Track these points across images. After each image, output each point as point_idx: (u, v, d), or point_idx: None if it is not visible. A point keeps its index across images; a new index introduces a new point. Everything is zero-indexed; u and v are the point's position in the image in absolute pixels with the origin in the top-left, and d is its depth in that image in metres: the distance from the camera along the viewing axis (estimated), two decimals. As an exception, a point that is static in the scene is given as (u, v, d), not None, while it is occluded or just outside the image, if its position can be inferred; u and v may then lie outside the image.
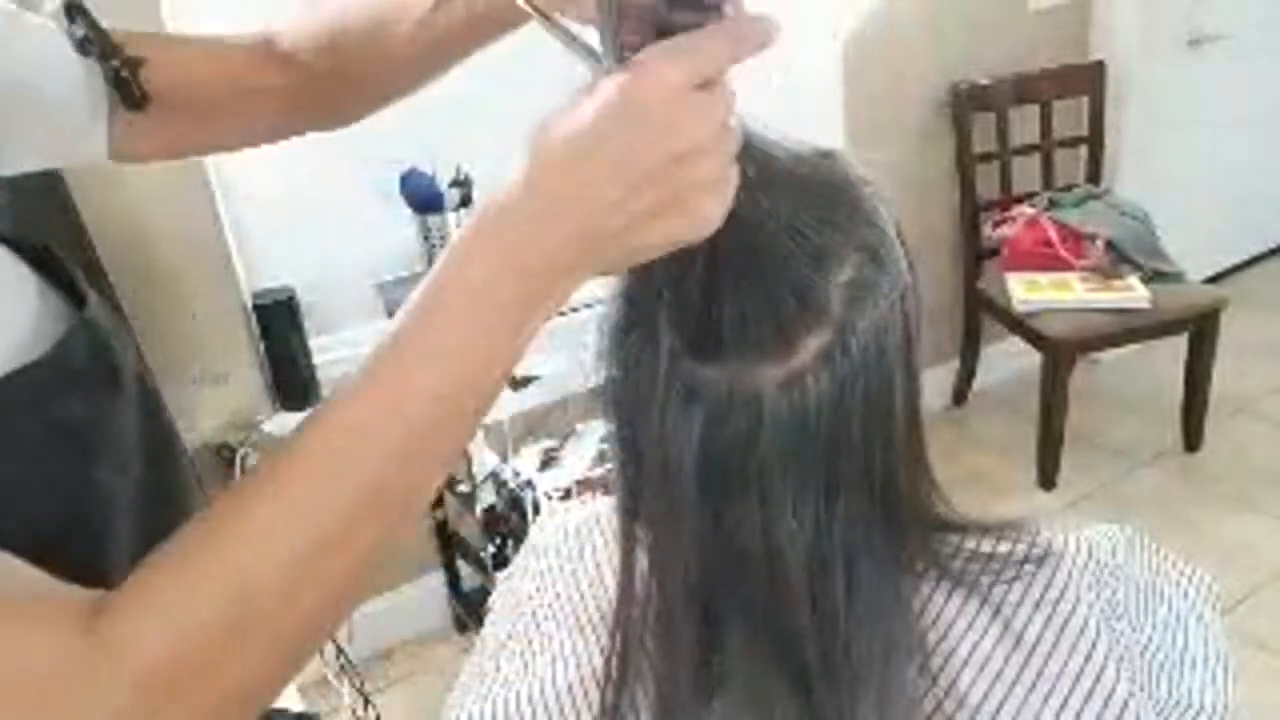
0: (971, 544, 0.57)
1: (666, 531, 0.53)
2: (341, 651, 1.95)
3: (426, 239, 1.93)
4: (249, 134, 0.78)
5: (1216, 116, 2.97)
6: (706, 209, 0.45)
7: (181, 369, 1.77)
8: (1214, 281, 2.99)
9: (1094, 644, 0.53)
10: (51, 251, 0.63)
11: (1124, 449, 2.59)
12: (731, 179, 0.45)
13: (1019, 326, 2.40)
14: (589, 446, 2.05)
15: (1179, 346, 2.45)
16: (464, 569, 2.21)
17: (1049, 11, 2.61)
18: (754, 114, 0.51)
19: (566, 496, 1.94)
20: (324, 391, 1.96)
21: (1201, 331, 2.39)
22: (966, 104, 2.51)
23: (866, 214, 0.52)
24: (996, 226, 2.54)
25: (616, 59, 0.44)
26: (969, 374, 2.79)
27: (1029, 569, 0.56)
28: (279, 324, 1.85)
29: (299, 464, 0.44)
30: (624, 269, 0.49)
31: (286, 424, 1.91)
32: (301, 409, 1.93)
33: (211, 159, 1.75)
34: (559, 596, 0.65)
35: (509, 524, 1.92)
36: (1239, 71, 2.97)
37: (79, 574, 0.44)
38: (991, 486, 2.47)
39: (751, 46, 0.44)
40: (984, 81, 2.51)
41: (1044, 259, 2.41)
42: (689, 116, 0.43)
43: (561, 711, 0.59)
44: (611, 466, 0.57)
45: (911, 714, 0.53)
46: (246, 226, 1.87)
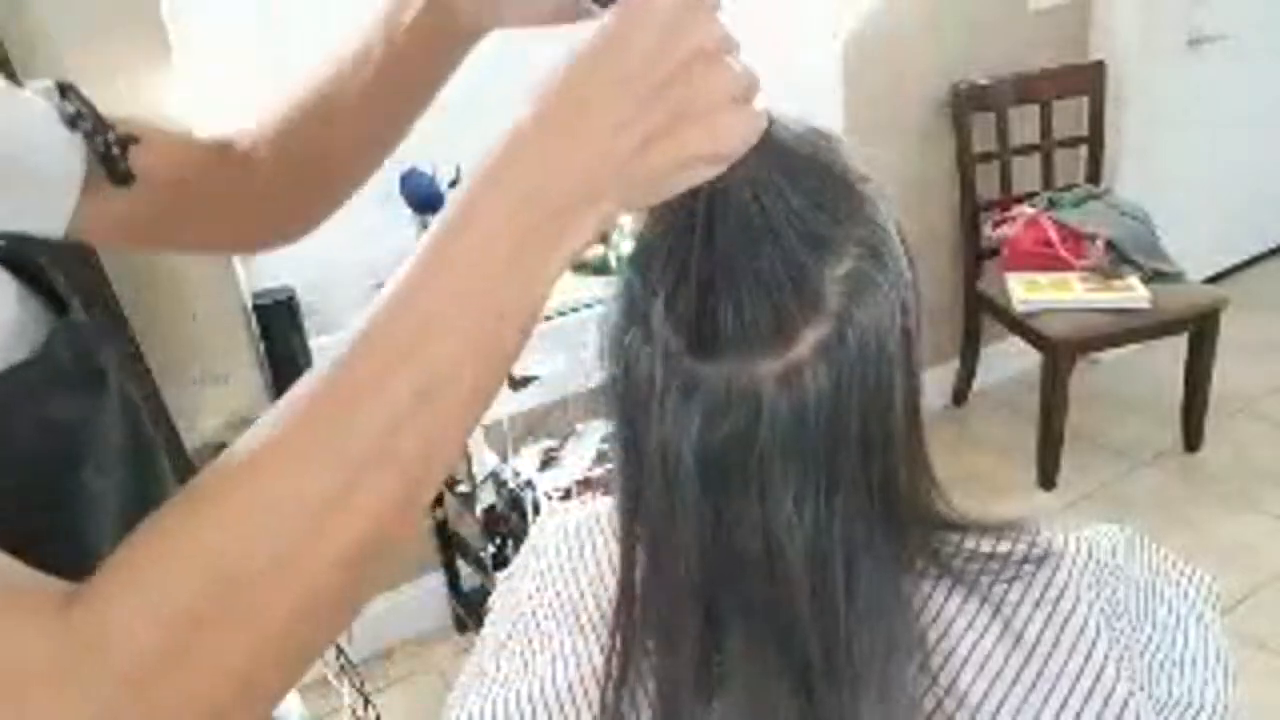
0: (971, 543, 0.57)
1: (666, 529, 0.53)
2: (341, 651, 1.95)
3: (426, 239, 1.93)
4: (211, 238, 0.75)
5: (1216, 116, 2.97)
6: (727, 120, 0.43)
7: (181, 369, 1.77)
8: (1214, 281, 2.99)
9: (1094, 643, 0.53)
10: (29, 257, 0.62)
11: (1124, 449, 2.59)
12: (754, 86, 0.44)
13: (1019, 326, 2.40)
14: (589, 446, 2.06)
15: (1179, 346, 2.45)
16: (464, 569, 2.21)
17: (1049, 11, 2.61)
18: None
19: (566, 496, 1.94)
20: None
21: (1201, 331, 2.39)
22: (966, 104, 2.51)
23: (866, 209, 0.52)
24: (996, 226, 2.54)
25: None
26: (969, 374, 2.79)
27: (1029, 568, 0.56)
28: (279, 324, 1.85)
29: (304, 418, 0.40)
30: (654, 200, 0.46)
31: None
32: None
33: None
34: (559, 596, 0.65)
35: (509, 524, 1.92)
36: (1239, 71, 2.97)
37: (59, 575, 0.43)
38: (991, 486, 2.47)
39: None
40: (984, 81, 2.51)
41: (1044, 259, 2.41)
42: (692, 20, 0.42)
43: (562, 710, 0.59)
44: (611, 466, 0.57)
45: (912, 713, 0.53)
46: (246, 226, 1.87)
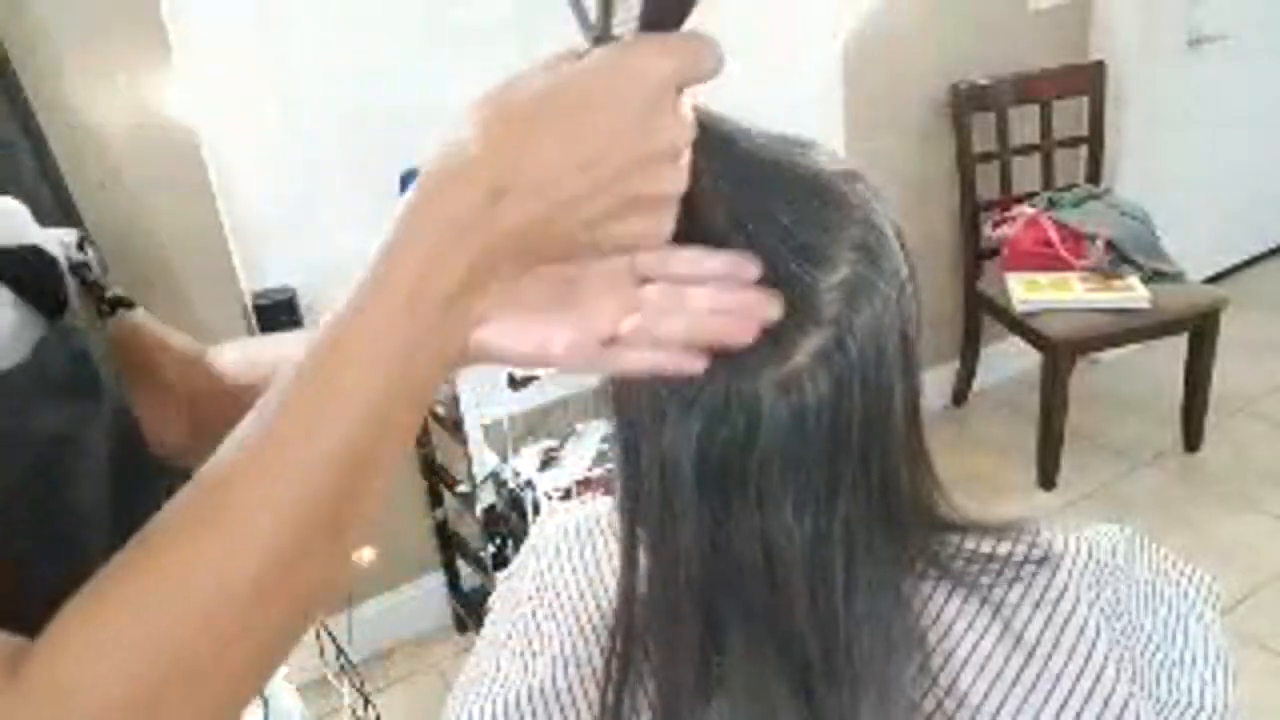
0: (972, 544, 0.57)
1: (666, 533, 0.53)
2: (341, 651, 1.95)
3: (426, 239, 1.93)
4: (162, 433, 0.72)
5: (1216, 116, 2.97)
6: (663, 221, 0.42)
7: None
8: (1214, 281, 2.99)
9: (1094, 644, 0.53)
10: (27, 260, 0.60)
11: (1124, 449, 2.59)
12: (675, 198, 0.42)
13: (1019, 326, 2.40)
14: (589, 446, 2.06)
15: (1179, 346, 2.45)
16: (464, 569, 2.21)
17: (1049, 11, 2.61)
18: (753, 112, 0.51)
19: (566, 496, 1.94)
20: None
21: (1201, 331, 2.39)
22: (966, 104, 2.51)
23: (859, 211, 0.51)
24: (996, 226, 2.54)
25: (605, 32, 0.40)
26: (969, 374, 2.79)
27: (1029, 569, 0.56)
28: (279, 324, 1.85)
29: (229, 489, 0.40)
30: (571, 261, 0.45)
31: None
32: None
33: (212, 158, 1.75)
34: (559, 596, 0.65)
35: (509, 524, 1.92)
36: (1239, 71, 2.97)
37: (46, 594, 0.42)
38: (991, 487, 2.47)
39: (716, 65, 0.40)
40: (984, 81, 2.51)
41: (1044, 259, 2.41)
42: (671, 118, 0.40)
43: (562, 711, 0.59)
44: (612, 467, 0.57)
45: (912, 714, 0.53)
46: (246, 226, 1.87)
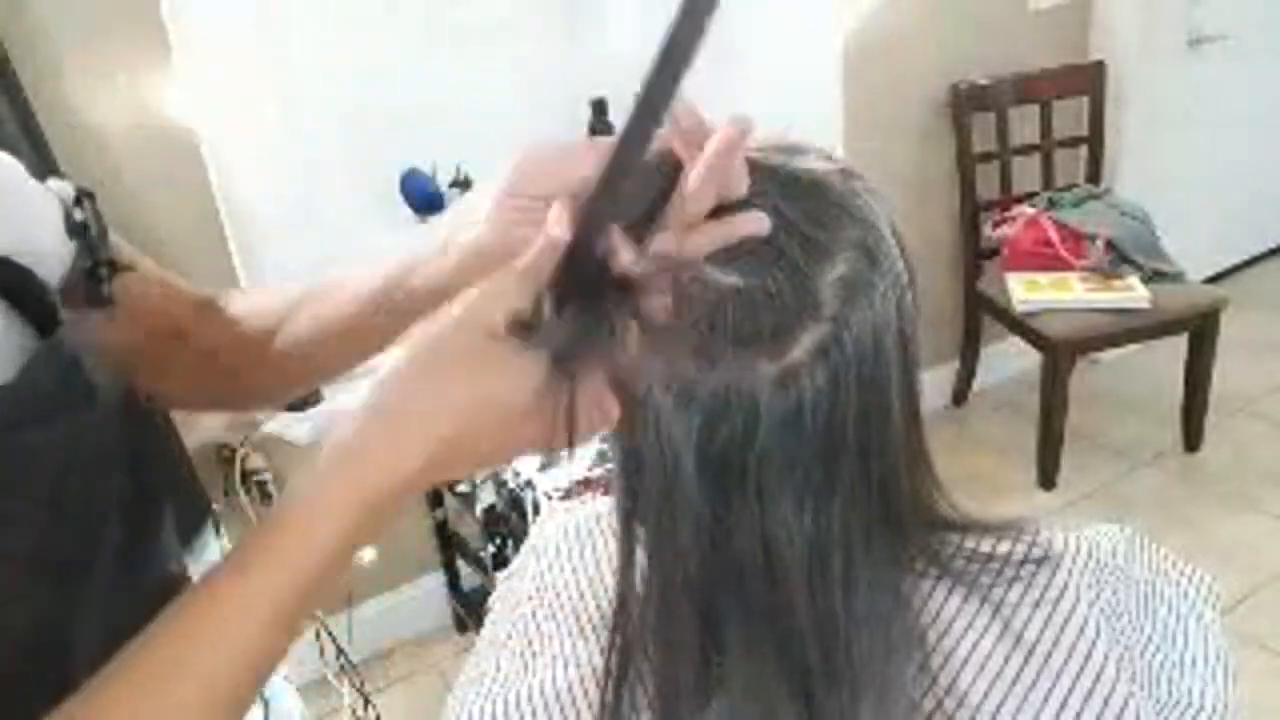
0: (972, 544, 0.57)
1: (665, 531, 0.53)
2: (341, 651, 1.95)
3: (426, 239, 1.93)
4: (185, 392, 0.75)
5: (1216, 116, 2.97)
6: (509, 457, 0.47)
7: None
8: (1214, 281, 2.99)
9: (1094, 643, 0.53)
10: (14, 265, 0.59)
11: (1124, 449, 2.59)
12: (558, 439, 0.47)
13: (1019, 326, 2.40)
14: (589, 446, 2.05)
15: (1179, 346, 2.45)
16: (464, 569, 2.21)
17: (1049, 11, 2.61)
18: (753, 112, 0.51)
19: (566, 496, 1.94)
20: (324, 392, 1.96)
21: (1201, 331, 2.39)
22: (966, 104, 2.51)
23: (858, 209, 0.52)
24: (996, 226, 2.54)
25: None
26: (969, 374, 2.79)
27: (1029, 569, 0.56)
28: (279, 324, 1.85)
29: (124, 682, 0.44)
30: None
31: (286, 424, 1.91)
32: (301, 409, 1.92)
33: (212, 158, 1.75)
34: (559, 596, 0.65)
35: (509, 524, 1.92)
36: (1239, 71, 2.97)
37: (43, 620, 0.42)
38: (992, 486, 2.47)
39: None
40: (984, 81, 2.51)
41: (1044, 259, 2.41)
42: (491, 368, 0.45)
43: (562, 711, 0.59)
44: (611, 466, 0.57)
45: (912, 714, 0.53)
46: (247, 227, 1.87)
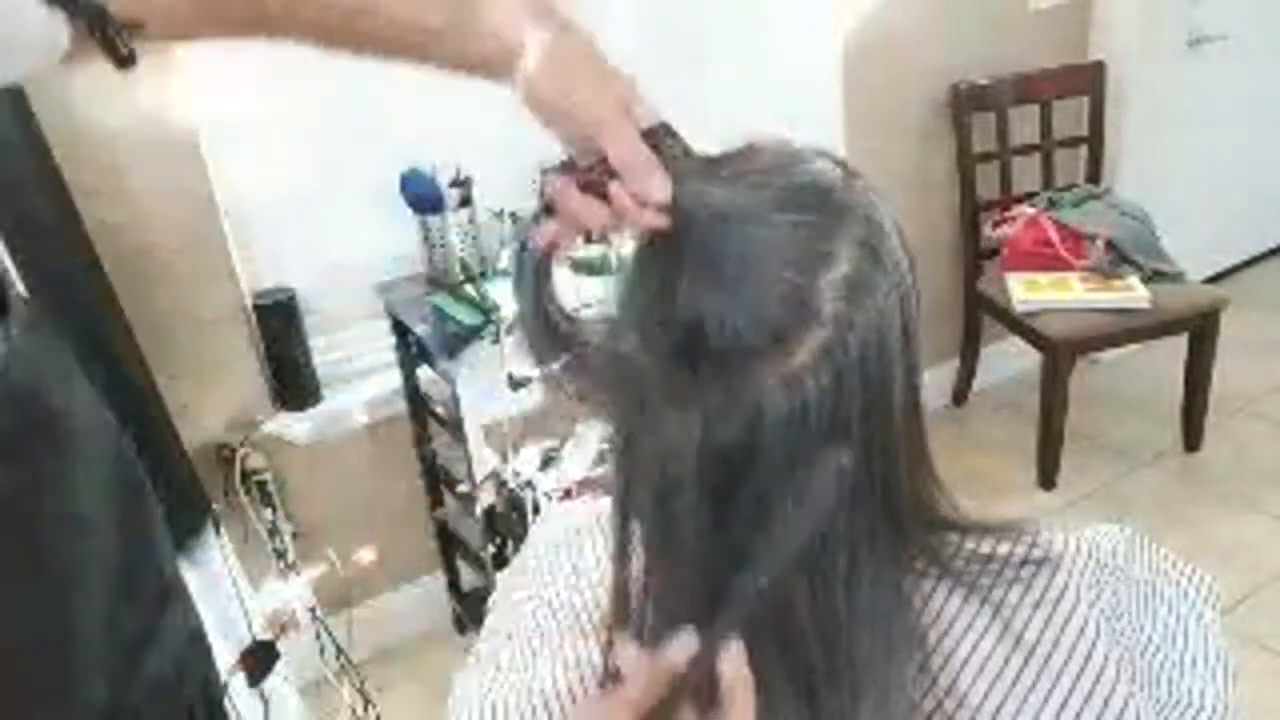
0: (972, 544, 0.57)
1: (666, 530, 0.53)
2: (341, 652, 1.95)
3: (426, 239, 1.93)
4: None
5: (1216, 116, 2.96)
6: None
7: (183, 369, 1.77)
8: (1214, 281, 2.99)
9: (1094, 644, 0.53)
10: None
11: (1124, 449, 2.59)
12: None
13: (1019, 326, 2.40)
14: (589, 446, 2.05)
15: (1179, 346, 2.45)
16: (464, 569, 2.21)
17: (1049, 11, 2.61)
18: (753, 112, 0.51)
19: (567, 496, 1.94)
20: (324, 392, 1.96)
21: (1202, 331, 2.39)
22: (966, 104, 2.51)
23: (860, 209, 0.52)
24: (996, 226, 2.54)
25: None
26: (969, 374, 2.79)
27: (1029, 570, 0.56)
28: (279, 324, 1.85)
29: None
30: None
31: (286, 424, 1.91)
32: (301, 409, 1.93)
33: (211, 159, 1.75)
34: (559, 596, 0.65)
35: (509, 524, 1.92)
36: (1239, 71, 2.97)
37: (41, 652, 0.40)
38: (991, 487, 2.47)
39: None
40: (984, 81, 2.51)
41: (1044, 259, 2.41)
42: None
43: (562, 709, 0.59)
44: (610, 465, 0.57)
45: (912, 714, 0.53)
46: (246, 226, 1.87)
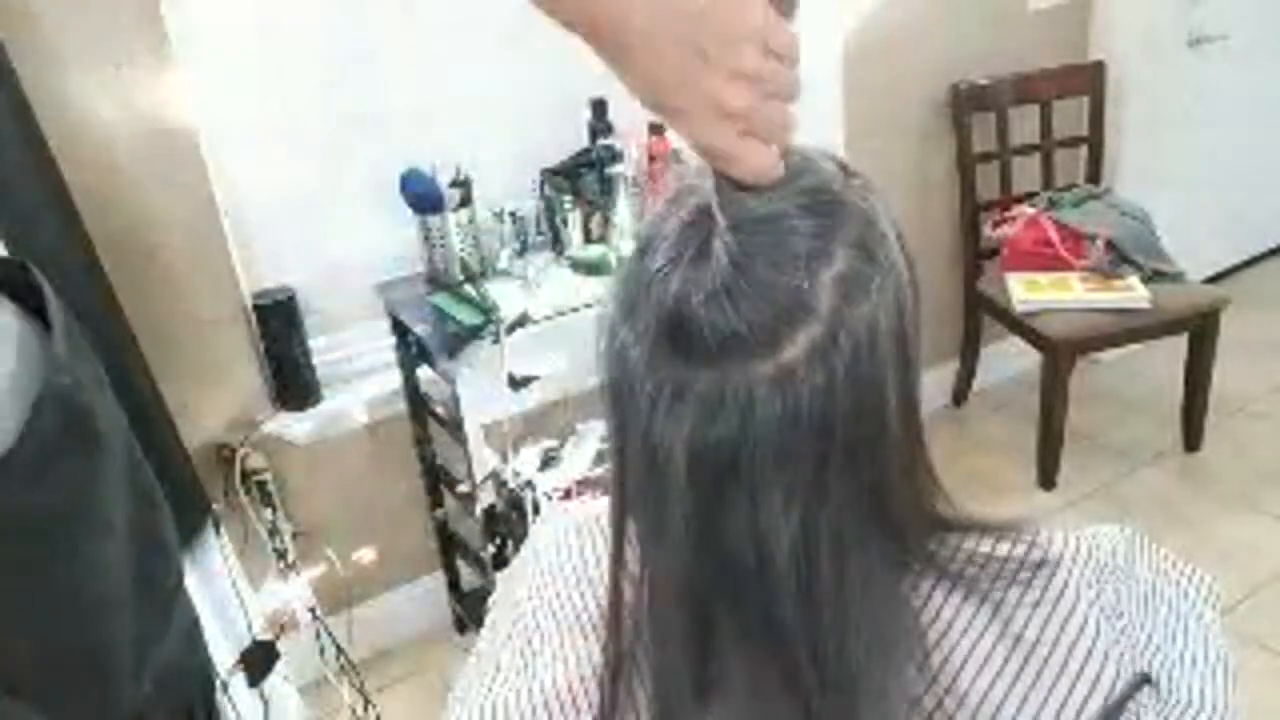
0: (971, 544, 0.57)
1: (658, 527, 0.53)
2: (341, 651, 1.95)
3: (426, 239, 1.93)
4: None
5: (1217, 116, 2.96)
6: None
7: (183, 369, 1.77)
8: (1214, 281, 2.99)
9: (1094, 643, 0.53)
10: (26, 270, 0.58)
11: (1124, 449, 2.59)
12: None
13: (1019, 326, 2.40)
14: (589, 446, 2.06)
15: (1179, 346, 2.45)
16: (464, 569, 2.21)
17: (1049, 11, 2.61)
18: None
19: (567, 496, 1.94)
20: (324, 392, 1.96)
21: (1202, 331, 2.39)
22: (966, 104, 2.51)
23: (856, 207, 0.52)
24: (996, 226, 2.54)
25: None
26: (969, 374, 2.79)
27: (1029, 570, 0.56)
28: (279, 324, 1.85)
29: None
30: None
31: (286, 424, 1.91)
32: (301, 409, 1.93)
33: (211, 159, 1.75)
34: (559, 596, 0.65)
35: (509, 524, 1.92)
36: (1239, 71, 2.97)
37: (78, 658, 0.41)
38: (991, 487, 2.47)
39: None
40: (984, 81, 2.51)
41: (1044, 259, 2.41)
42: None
43: (562, 710, 0.59)
44: (609, 465, 0.57)
45: (911, 714, 0.53)
46: (246, 227, 1.87)
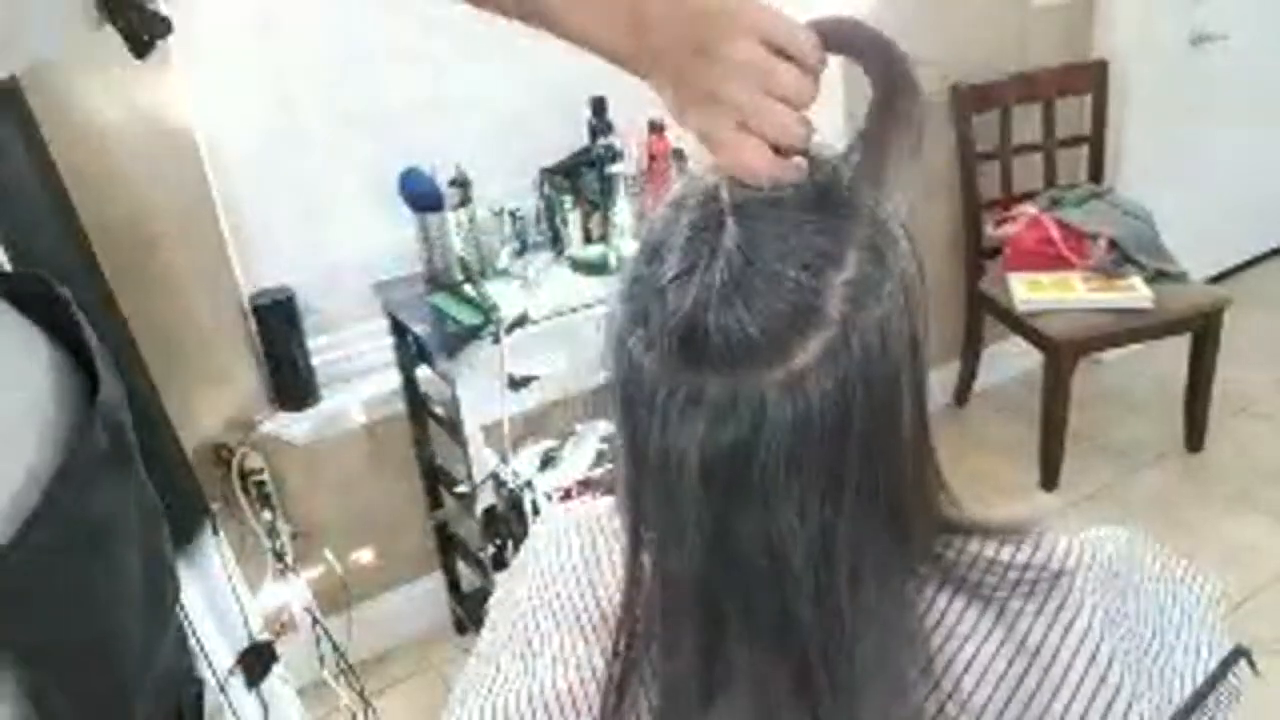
0: (976, 547, 0.57)
1: (669, 533, 0.53)
2: (340, 653, 1.95)
3: (426, 239, 1.93)
4: None
5: (1219, 115, 2.96)
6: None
7: (181, 369, 1.77)
8: (1217, 281, 2.99)
9: (1097, 646, 0.53)
10: (51, 287, 0.60)
11: (1126, 449, 2.58)
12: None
13: (1021, 326, 2.40)
14: (589, 446, 2.05)
15: (1181, 346, 2.44)
16: (463, 570, 2.21)
17: (1051, 10, 2.61)
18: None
19: (566, 496, 1.94)
20: (323, 392, 1.96)
21: (1204, 331, 2.39)
22: (968, 103, 2.50)
23: (866, 211, 0.52)
24: (998, 226, 2.53)
25: None
26: (970, 374, 2.79)
27: (1032, 573, 0.56)
28: (279, 324, 1.85)
29: None
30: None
31: (285, 424, 1.91)
32: (300, 409, 1.92)
33: (211, 159, 1.75)
34: (559, 597, 0.65)
35: (509, 525, 1.92)
36: (1241, 70, 2.97)
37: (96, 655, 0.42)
38: (994, 487, 2.47)
39: None
40: (986, 80, 2.50)
41: (1046, 258, 2.40)
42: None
43: (562, 712, 0.59)
44: (612, 466, 0.57)
45: (915, 718, 0.52)
46: (245, 226, 1.87)
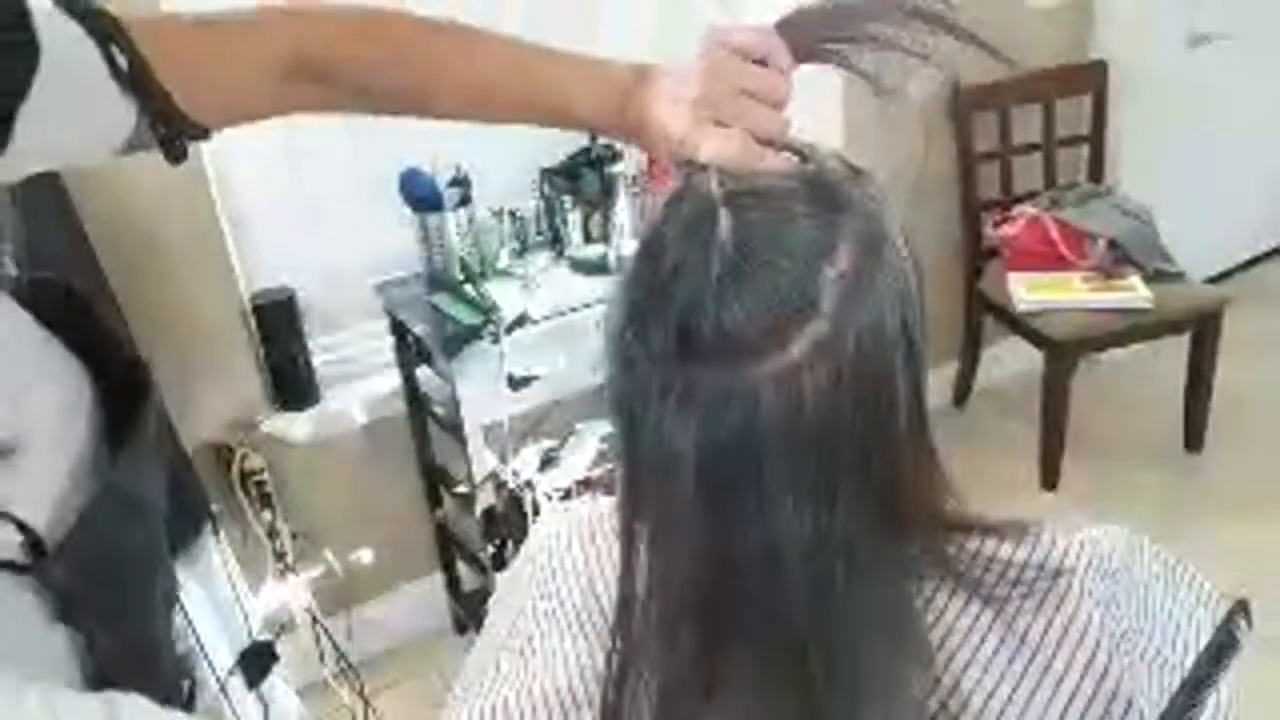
0: (975, 545, 0.57)
1: (666, 530, 0.53)
2: (341, 653, 1.95)
3: (426, 239, 1.93)
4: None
5: (1219, 115, 2.96)
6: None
7: (181, 370, 1.77)
8: (1216, 281, 2.99)
9: (1096, 645, 0.53)
10: (83, 301, 0.62)
11: (1126, 449, 2.58)
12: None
13: (1020, 326, 2.40)
14: (589, 446, 2.05)
15: (1181, 346, 2.44)
16: (463, 570, 2.21)
17: (1050, 10, 2.61)
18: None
19: (566, 496, 1.94)
20: (323, 392, 1.96)
21: (1204, 331, 2.39)
22: (967, 103, 2.50)
23: (861, 205, 0.52)
24: (998, 226, 2.53)
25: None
26: (970, 374, 2.79)
27: (1032, 571, 0.56)
28: (279, 324, 1.85)
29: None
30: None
31: (285, 424, 1.91)
32: (301, 409, 1.93)
33: (210, 161, 1.75)
34: (558, 596, 0.65)
35: (508, 525, 1.92)
36: (1241, 70, 2.96)
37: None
38: (993, 487, 2.44)
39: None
40: (985, 81, 2.50)
41: (1046, 258, 2.40)
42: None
43: (562, 710, 0.59)
44: (612, 465, 0.57)
45: (915, 716, 0.53)
46: (246, 227, 1.87)
